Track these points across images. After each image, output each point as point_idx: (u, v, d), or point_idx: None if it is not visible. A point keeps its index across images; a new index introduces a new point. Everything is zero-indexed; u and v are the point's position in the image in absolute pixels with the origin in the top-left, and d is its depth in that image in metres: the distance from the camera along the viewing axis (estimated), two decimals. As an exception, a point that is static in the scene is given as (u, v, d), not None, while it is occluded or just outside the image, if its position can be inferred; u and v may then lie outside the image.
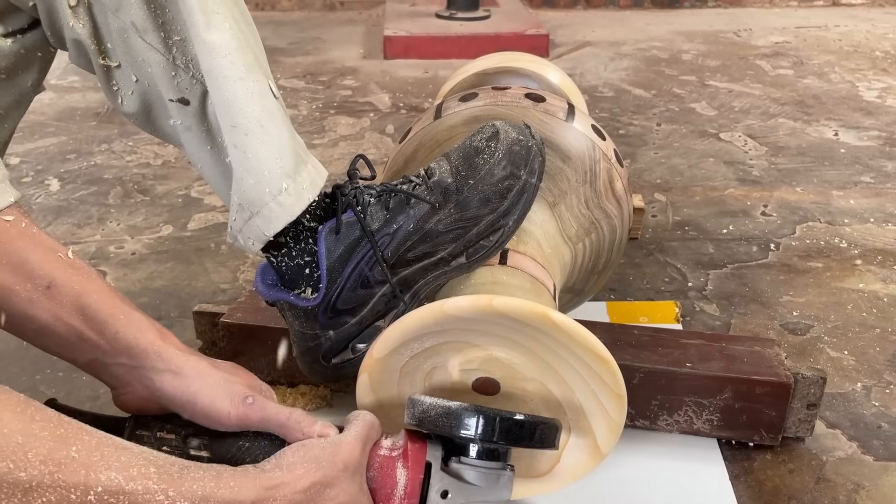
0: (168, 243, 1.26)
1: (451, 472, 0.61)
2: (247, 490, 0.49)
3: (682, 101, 1.97)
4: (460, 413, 0.58)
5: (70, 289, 0.56)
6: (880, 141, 1.67)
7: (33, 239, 0.56)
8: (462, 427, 0.58)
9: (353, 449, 0.55)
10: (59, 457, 0.42)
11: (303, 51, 2.55)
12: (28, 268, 0.55)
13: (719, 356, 0.78)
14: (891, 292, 1.09)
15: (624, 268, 1.16)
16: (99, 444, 0.45)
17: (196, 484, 0.47)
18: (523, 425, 0.59)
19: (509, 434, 0.59)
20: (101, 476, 0.43)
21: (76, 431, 0.44)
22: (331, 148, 1.68)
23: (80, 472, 0.43)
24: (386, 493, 0.59)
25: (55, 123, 1.85)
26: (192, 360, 0.59)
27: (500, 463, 0.62)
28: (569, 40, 2.64)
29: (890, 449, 0.80)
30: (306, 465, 0.52)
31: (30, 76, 0.66)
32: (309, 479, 0.52)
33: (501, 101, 0.82)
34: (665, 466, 0.77)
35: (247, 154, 0.61)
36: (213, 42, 0.59)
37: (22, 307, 0.55)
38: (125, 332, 0.57)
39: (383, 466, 0.59)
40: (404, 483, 0.58)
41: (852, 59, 2.35)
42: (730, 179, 1.49)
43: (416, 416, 0.60)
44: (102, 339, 0.57)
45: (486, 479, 0.61)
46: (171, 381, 0.57)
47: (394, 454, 0.59)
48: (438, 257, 0.70)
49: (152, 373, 0.58)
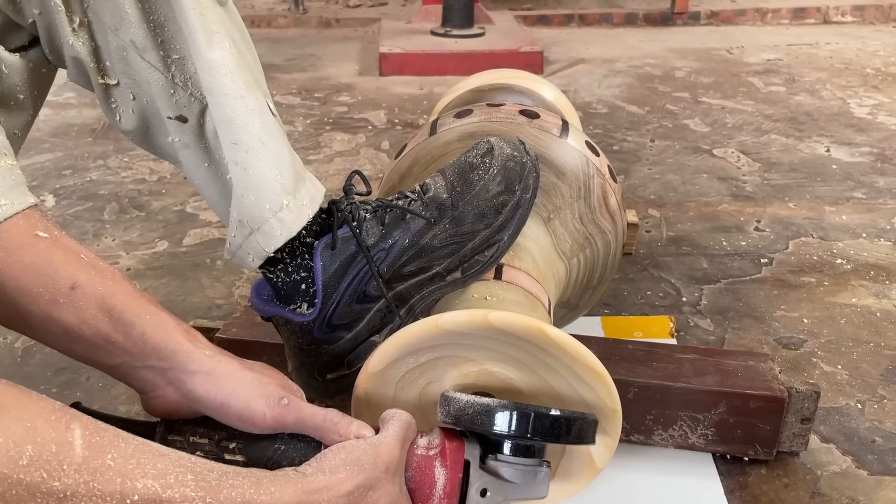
0: (163, 259, 1.27)
1: (488, 469, 0.60)
2: (288, 495, 0.48)
3: (675, 117, 1.99)
4: (499, 410, 0.57)
5: (94, 290, 0.55)
6: (872, 157, 1.69)
7: (55, 241, 0.55)
8: (501, 424, 0.57)
9: (393, 450, 0.54)
10: (94, 465, 0.41)
11: (299, 67, 2.56)
12: (51, 269, 0.54)
13: (713, 371, 0.78)
14: (883, 307, 1.09)
15: (618, 283, 1.16)
16: (135, 451, 0.44)
17: (235, 491, 0.46)
18: (562, 421, 0.58)
19: (550, 430, 0.58)
20: (137, 484, 0.42)
21: (112, 439, 0.43)
22: (326, 164, 1.69)
23: (116, 480, 0.42)
24: (425, 493, 0.57)
25: (51, 139, 1.86)
26: (223, 360, 0.57)
27: (536, 459, 0.61)
28: (563, 57, 2.66)
29: (884, 463, 0.80)
30: (349, 469, 0.51)
31: (39, 92, 0.67)
32: (352, 483, 0.51)
33: (496, 118, 0.83)
34: (660, 481, 0.77)
35: (247, 171, 0.62)
36: (215, 60, 0.60)
37: (46, 310, 0.54)
38: (153, 333, 0.56)
39: (422, 466, 0.58)
40: (443, 482, 0.57)
41: (843, 76, 2.38)
42: (723, 195, 1.50)
43: (453, 413, 0.59)
44: (129, 341, 0.55)
45: (524, 475, 0.60)
46: (203, 382, 0.56)
47: (431, 453, 0.58)
48: (434, 272, 0.70)
49: (183, 374, 0.56)
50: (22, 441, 0.40)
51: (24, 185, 0.54)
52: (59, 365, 0.97)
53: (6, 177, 0.53)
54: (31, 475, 0.39)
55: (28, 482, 0.39)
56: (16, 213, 0.53)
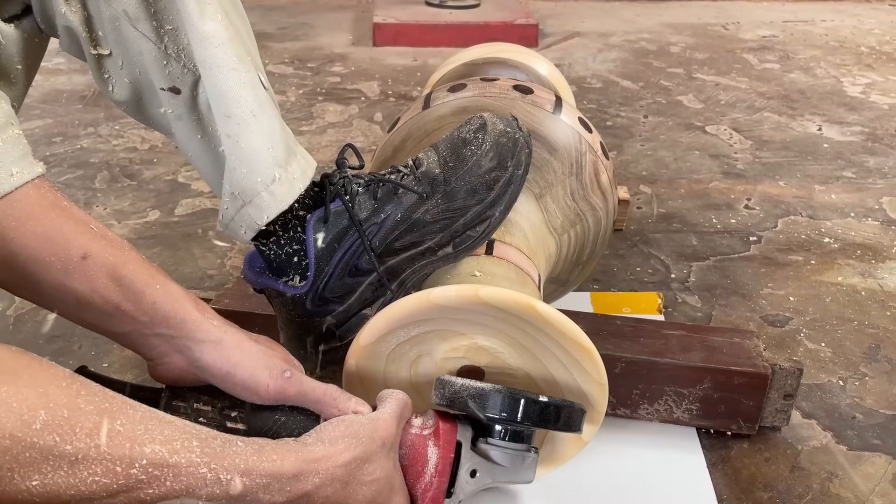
0: (155, 228, 1.26)
1: (479, 452, 0.62)
2: (289, 463, 0.50)
3: (669, 93, 1.99)
4: (493, 395, 0.59)
5: (105, 259, 0.55)
6: (863, 136, 1.70)
7: (65, 211, 0.55)
8: (493, 408, 0.59)
9: (390, 426, 0.56)
10: (104, 430, 0.43)
11: (291, 36, 2.54)
12: (62, 239, 0.54)
13: (699, 347, 0.80)
14: (868, 286, 1.11)
15: (608, 259, 1.17)
16: (143, 417, 0.45)
17: (238, 457, 0.47)
18: (552, 408, 0.61)
19: (540, 416, 0.60)
20: (145, 449, 0.44)
21: (121, 405, 0.45)
22: (319, 135, 1.68)
23: (126, 445, 0.43)
24: (417, 471, 0.59)
25: (40, 106, 1.84)
26: (230, 330, 0.59)
27: (525, 445, 0.63)
28: (558, 30, 2.64)
29: (863, 439, 0.82)
30: (347, 441, 0.53)
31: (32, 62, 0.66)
32: (350, 454, 0.53)
33: (490, 93, 0.83)
34: (645, 454, 0.79)
35: (240, 143, 0.62)
36: (207, 32, 0.60)
37: (58, 279, 0.55)
38: (163, 303, 0.57)
39: (415, 445, 0.60)
40: (435, 461, 0.59)
41: (838, 54, 2.37)
42: (714, 173, 1.50)
43: (447, 396, 0.61)
44: (139, 309, 0.57)
45: (513, 459, 0.63)
46: (210, 351, 0.57)
47: (425, 433, 0.60)
48: (425, 247, 0.71)
49: (191, 343, 0.58)
50: (35, 406, 0.41)
51: (30, 155, 0.55)
52: (51, 333, 0.97)
53: (15, 146, 0.53)
54: (44, 439, 0.41)
55: (41, 445, 0.41)
56: (25, 182, 0.53)
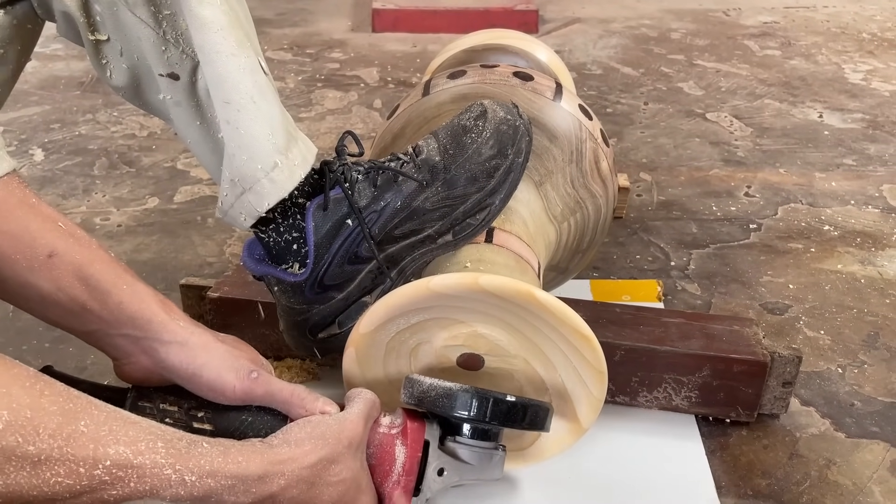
0: (154, 216, 1.26)
1: (447, 450, 0.62)
2: (254, 465, 0.49)
3: (669, 80, 1.98)
4: (460, 394, 0.60)
5: (72, 258, 0.56)
6: (864, 124, 1.69)
7: (33, 208, 0.55)
8: (462, 408, 0.60)
9: (357, 426, 0.56)
10: (68, 431, 0.42)
11: (290, 22, 2.52)
12: (29, 237, 0.54)
13: (699, 335, 0.80)
14: (868, 274, 1.11)
15: (608, 246, 1.17)
16: (107, 418, 0.45)
17: (203, 458, 0.47)
18: (519, 407, 0.61)
19: (507, 415, 0.61)
20: (109, 450, 0.44)
21: (85, 406, 0.45)
22: (318, 122, 1.68)
23: (89, 446, 0.43)
24: (385, 470, 0.60)
25: (39, 92, 1.83)
26: (197, 331, 0.59)
27: (493, 443, 0.64)
28: (558, 16, 2.63)
29: (862, 426, 0.82)
30: (313, 442, 0.53)
31: (23, 48, 0.66)
32: (316, 455, 0.53)
33: (490, 80, 0.82)
34: (644, 442, 0.79)
35: (239, 130, 0.62)
36: (206, 17, 0.59)
37: (23, 276, 0.55)
38: (129, 303, 0.57)
39: (383, 444, 0.60)
40: (403, 460, 0.60)
41: (839, 40, 2.36)
42: (715, 160, 1.50)
43: (416, 395, 0.61)
44: (105, 309, 0.57)
45: (480, 457, 0.63)
46: (176, 352, 0.57)
47: (393, 432, 0.61)
48: (425, 235, 0.71)
49: (157, 344, 0.58)
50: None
51: (3, 150, 0.54)
52: (50, 320, 0.97)
53: None
54: (6, 439, 0.40)
55: (4, 446, 0.40)
56: None
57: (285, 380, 0.85)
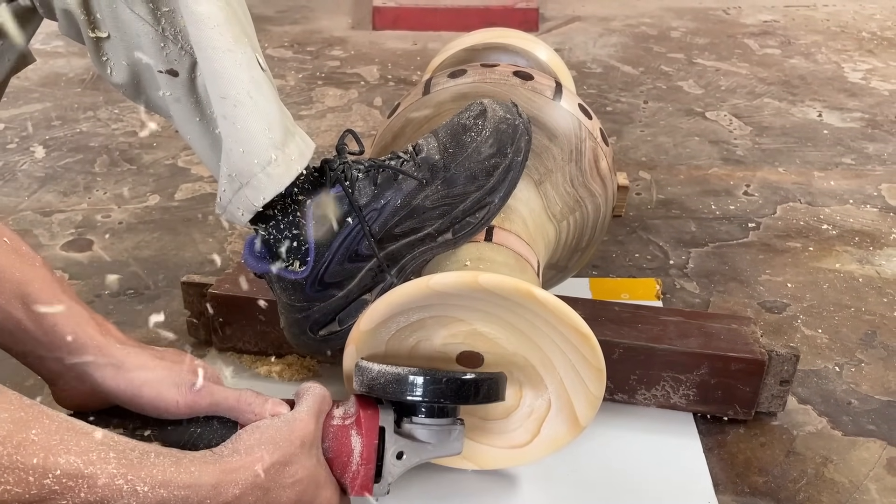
0: (155, 213, 1.27)
1: (403, 433, 0.62)
2: (207, 475, 0.49)
3: (669, 78, 1.98)
4: (408, 378, 0.60)
5: (11, 275, 0.55)
6: (863, 123, 1.69)
7: None
8: (412, 392, 0.59)
9: (308, 425, 0.56)
10: (18, 439, 0.42)
11: (290, 20, 2.52)
12: None
13: (697, 333, 0.80)
14: (866, 273, 1.11)
15: (607, 245, 1.17)
16: (59, 427, 0.44)
17: (156, 469, 0.47)
18: (470, 384, 0.61)
19: (458, 393, 0.61)
20: (59, 459, 0.43)
21: (37, 415, 0.44)
22: (318, 119, 1.68)
23: (39, 454, 0.42)
24: (343, 462, 0.60)
25: (39, 89, 1.83)
26: (133, 352, 0.58)
27: (449, 419, 0.63)
28: (559, 14, 2.63)
29: (858, 424, 0.83)
30: (263, 447, 0.53)
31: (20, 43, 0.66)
32: (268, 461, 0.52)
33: (490, 79, 0.83)
34: (642, 439, 0.80)
35: (236, 125, 0.62)
36: (202, 13, 0.60)
37: None
38: (63, 325, 0.56)
39: (338, 436, 0.60)
40: (360, 450, 0.60)
41: (839, 39, 2.36)
42: (714, 159, 1.50)
43: (366, 383, 0.62)
44: (40, 330, 0.56)
45: (438, 435, 0.63)
46: (113, 375, 0.57)
47: (347, 422, 0.61)
48: (425, 233, 0.71)
49: (92, 368, 0.57)
50: None
51: None
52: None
53: None
54: None
55: None
56: None
57: (286, 377, 0.86)
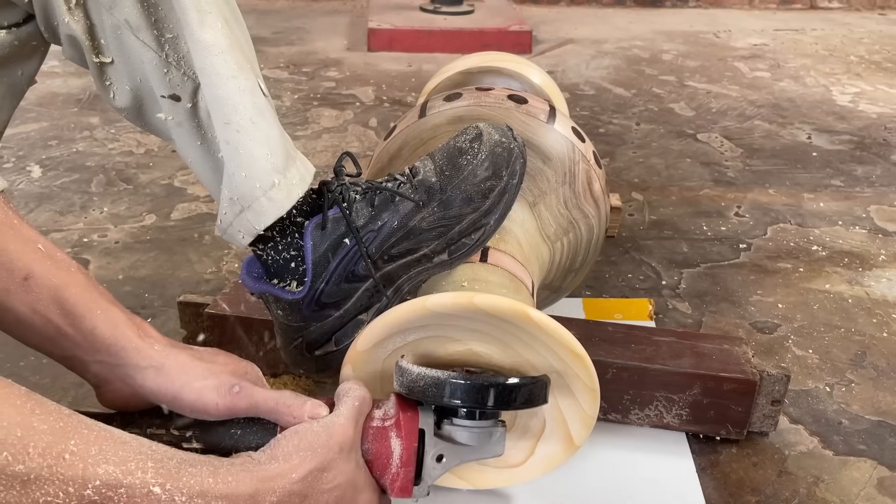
0: (152, 233, 1.27)
1: (443, 435, 0.62)
2: (244, 484, 0.49)
3: (661, 100, 2.01)
4: (448, 384, 0.59)
5: (48, 281, 0.56)
6: (851, 145, 1.72)
7: (14, 229, 0.56)
8: (451, 397, 0.59)
9: (347, 429, 0.56)
10: (57, 450, 0.42)
11: (286, 41, 2.54)
12: (6, 258, 0.55)
13: (690, 353, 0.81)
14: (855, 293, 1.13)
15: (600, 265, 1.19)
16: (97, 437, 0.45)
17: (193, 479, 0.47)
18: (512, 389, 0.60)
19: (499, 400, 0.60)
20: (98, 470, 0.43)
21: (76, 425, 0.44)
22: (314, 140, 1.69)
23: (79, 465, 0.43)
24: (382, 464, 0.59)
25: (36, 109, 1.84)
26: (172, 353, 0.59)
27: (491, 421, 0.63)
28: (552, 37, 2.66)
29: (849, 444, 0.84)
30: (302, 454, 0.53)
31: (23, 67, 0.67)
32: (306, 468, 0.52)
33: (485, 102, 0.84)
34: (635, 459, 0.80)
35: (238, 150, 0.63)
36: (207, 41, 0.61)
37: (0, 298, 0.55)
38: (102, 329, 0.57)
39: (378, 437, 0.60)
40: (399, 452, 0.59)
41: (828, 62, 2.40)
42: (705, 180, 1.52)
43: (406, 384, 0.61)
44: (79, 334, 0.56)
45: (479, 437, 0.62)
46: (153, 378, 0.57)
47: (386, 424, 0.60)
48: (421, 254, 0.72)
49: (133, 370, 0.57)
50: None
51: None
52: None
53: None
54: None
55: None
56: None
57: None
